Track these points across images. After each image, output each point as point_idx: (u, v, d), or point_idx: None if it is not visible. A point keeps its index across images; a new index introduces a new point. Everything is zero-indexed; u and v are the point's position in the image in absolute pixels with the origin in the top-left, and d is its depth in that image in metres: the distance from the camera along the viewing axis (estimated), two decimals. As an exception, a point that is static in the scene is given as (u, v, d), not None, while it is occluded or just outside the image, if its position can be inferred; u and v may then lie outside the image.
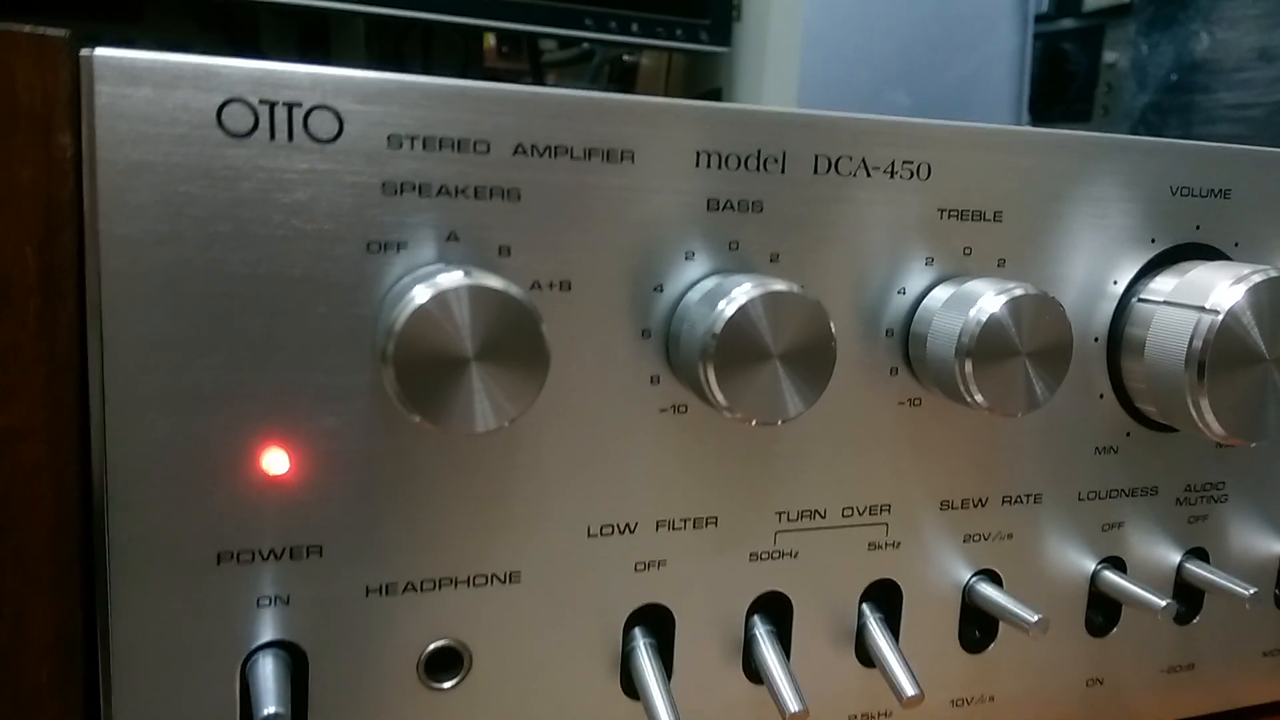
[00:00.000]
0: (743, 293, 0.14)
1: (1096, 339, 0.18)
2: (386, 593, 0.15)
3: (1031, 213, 0.17)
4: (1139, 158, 0.18)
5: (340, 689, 0.15)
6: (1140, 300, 0.18)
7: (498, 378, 0.13)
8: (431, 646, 0.15)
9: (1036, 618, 0.17)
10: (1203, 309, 0.17)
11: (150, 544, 0.13)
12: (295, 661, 0.14)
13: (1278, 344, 0.17)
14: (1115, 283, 0.18)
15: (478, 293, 0.13)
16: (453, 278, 0.13)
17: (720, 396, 0.14)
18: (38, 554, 0.13)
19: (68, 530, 0.13)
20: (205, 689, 0.14)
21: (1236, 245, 0.19)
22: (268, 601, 0.14)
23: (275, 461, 0.14)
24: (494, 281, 0.13)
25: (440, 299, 0.12)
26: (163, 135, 0.13)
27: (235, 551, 0.14)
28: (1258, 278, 0.17)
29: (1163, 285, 0.18)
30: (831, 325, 0.15)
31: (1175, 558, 0.20)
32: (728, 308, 0.14)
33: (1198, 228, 0.19)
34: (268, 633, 0.14)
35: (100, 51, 0.12)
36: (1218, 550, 0.20)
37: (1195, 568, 0.20)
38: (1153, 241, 0.19)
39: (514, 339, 0.13)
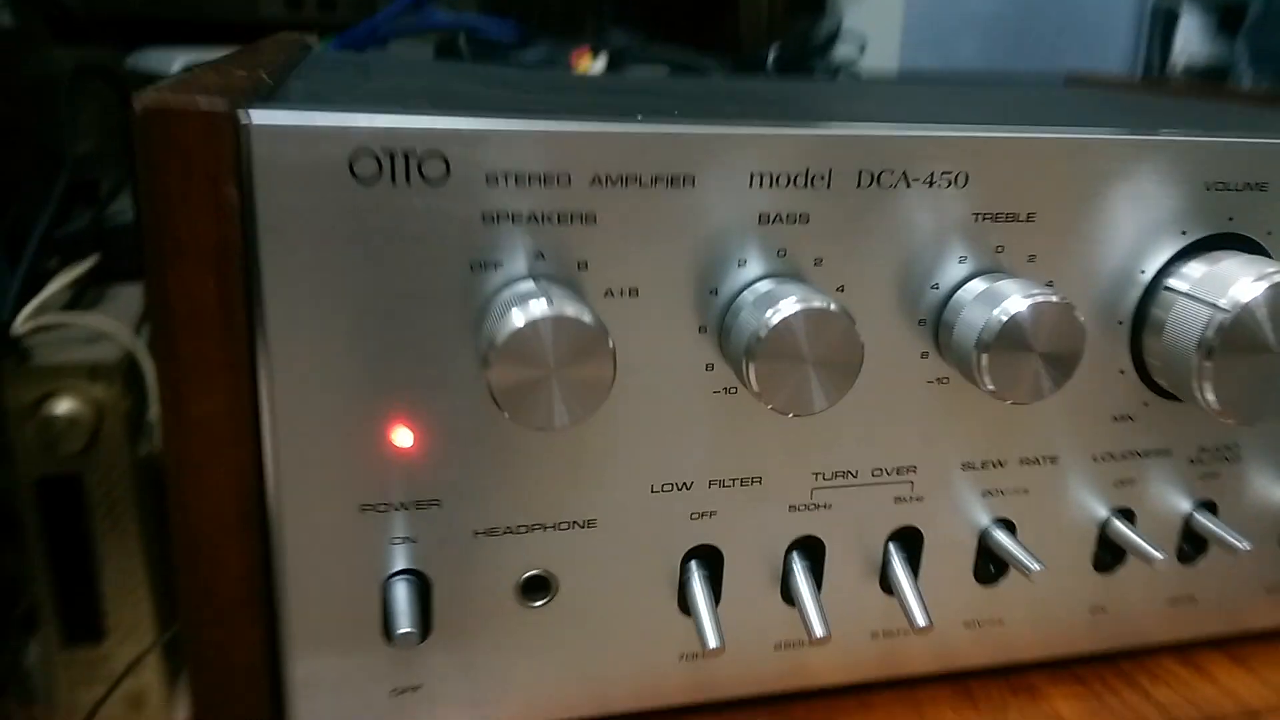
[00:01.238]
0: (786, 305, 0.17)
1: (1121, 322, 0.20)
2: (490, 534, 0.18)
3: (1064, 212, 0.19)
4: (1174, 155, 0.20)
5: (456, 606, 0.19)
6: (1166, 288, 0.20)
7: (574, 387, 0.16)
8: (526, 575, 0.19)
9: (1037, 566, 0.20)
10: (1217, 306, 0.19)
11: (310, 498, 0.17)
12: (421, 586, 0.18)
13: (1287, 338, 0.19)
14: (1143, 272, 0.20)
15: (559, 321, 0.16)
16: (540, 306, 0.16)
17: (758, 389, 0.17)
18: (228, 508, 0.17)
19: (248, 490, 0.17)
20: (355, 604, 0.18)
21: (1269, 234, 0.21)
22: (399, 541, 0.18)
23: (403, 437, 0.17)
24: (571, 310, 0.16)
25: (531, 324, 0.15)
26: (308, 183, 0.16)
27: (375, 504, 0.18)
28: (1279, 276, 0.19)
29: (1190, 273, 0.20)
30: (860, 338, 0.17)
31: (1185, 509, 0.22)
32: (772, 317, 0.17)
33: (1230, 219, 0.20)
34: (400, 564, 0.18)
35: (256, 119, 0.15)
36: (1227, 502, 0.22)
37: (1202, 518, 0.22)
38: (1183, 234, 0.20)
39: (587, 356, 0.16)
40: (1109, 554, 0.22)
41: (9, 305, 0.54)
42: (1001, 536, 0.21)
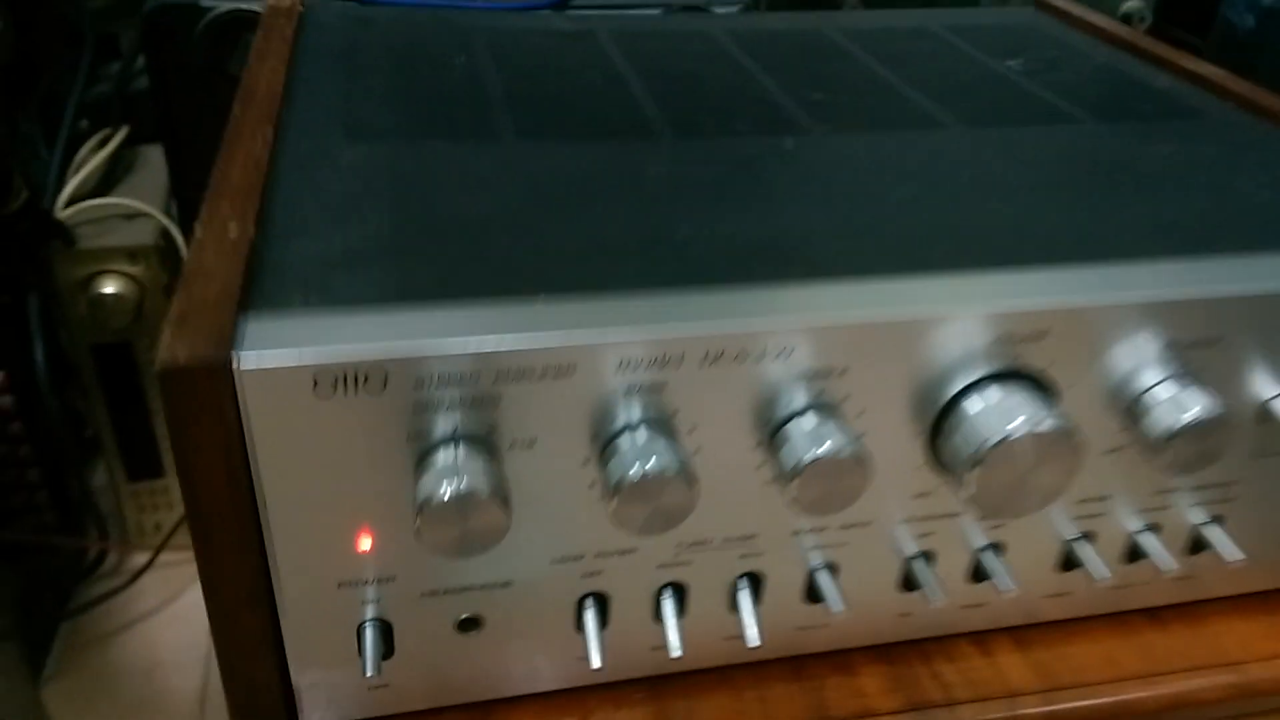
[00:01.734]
0: (642, 455, 0.23)
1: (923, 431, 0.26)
2: (433, 594, 0.25)
3: (880, 368, 0.25)
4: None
5: (411, 638, 0.26)
6: (955, 412, 0.26)
7: (478, 533, 0.23)
8: (461, 617, 0.26)
9: (840, 608, 0.27)
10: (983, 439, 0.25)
11: (304, 580, 0.24)
12: (384, 628, 0.26)
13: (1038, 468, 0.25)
14: (948, 394, 0.26)
15: (466, 497, 0.22)
16: (450, 487, 0.22)
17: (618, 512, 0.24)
18: (245, 589, 0.24)
19: (261, 578, 0.24)
20: (340, 640, 0.26)
21: (1053, 364, 0.26)
22: (368, 602, 0.25)
23: (364, 543, 0.24)
24: (479, 485, 0.22)
25: (443, 501, 0.22)
26: (283, 400, 0.22)
27: (350, 581, 0.25)
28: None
29: (970, 406, 0.25)
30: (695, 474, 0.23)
31: (974, 548, 0.29)
32: (632, 464, 0.23)
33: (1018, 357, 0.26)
34: (369, 615, 0.25)
35: (245, 364, 0.21)
36: (1011, 545, 0.29)
37: (988, 558, 0.29)
38: (978, 369, 0.26)
39: (486, 516, 0.22)
40: (911, 583, 0.29)
41: (51, 189, 0.60)
42: (824, 578, 0.28)
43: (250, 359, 0.21)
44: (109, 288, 0.62)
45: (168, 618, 0.68)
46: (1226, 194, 0.32)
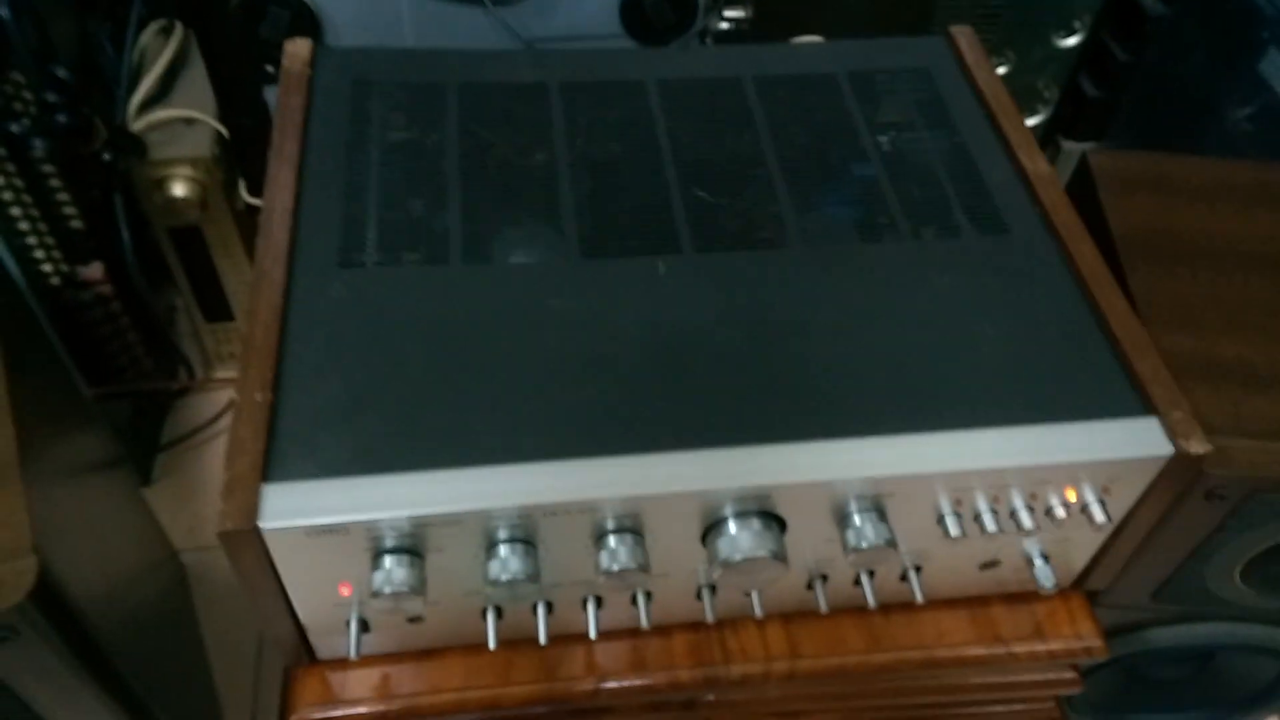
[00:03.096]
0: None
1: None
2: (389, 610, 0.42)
3: (658, 510, 0.39)
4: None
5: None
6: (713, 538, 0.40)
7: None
8: (409, 616, 0.43)
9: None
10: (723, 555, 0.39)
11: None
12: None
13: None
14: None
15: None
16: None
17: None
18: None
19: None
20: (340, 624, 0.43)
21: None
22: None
23: (344, 590, 0.40)
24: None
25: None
26: (291, 540, 0.37)
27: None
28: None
29: (723, 535, 0.40)
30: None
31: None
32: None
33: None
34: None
35: (265, 526, 0.36)
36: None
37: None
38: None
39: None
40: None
41: (123, 106, 0.72)
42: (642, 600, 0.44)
43: (269, 527, 0.36)
44: (178, 190, 0.75)
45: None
46: (947, 359, 0.42)
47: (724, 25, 0.78)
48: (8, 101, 0.61)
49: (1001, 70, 0.84)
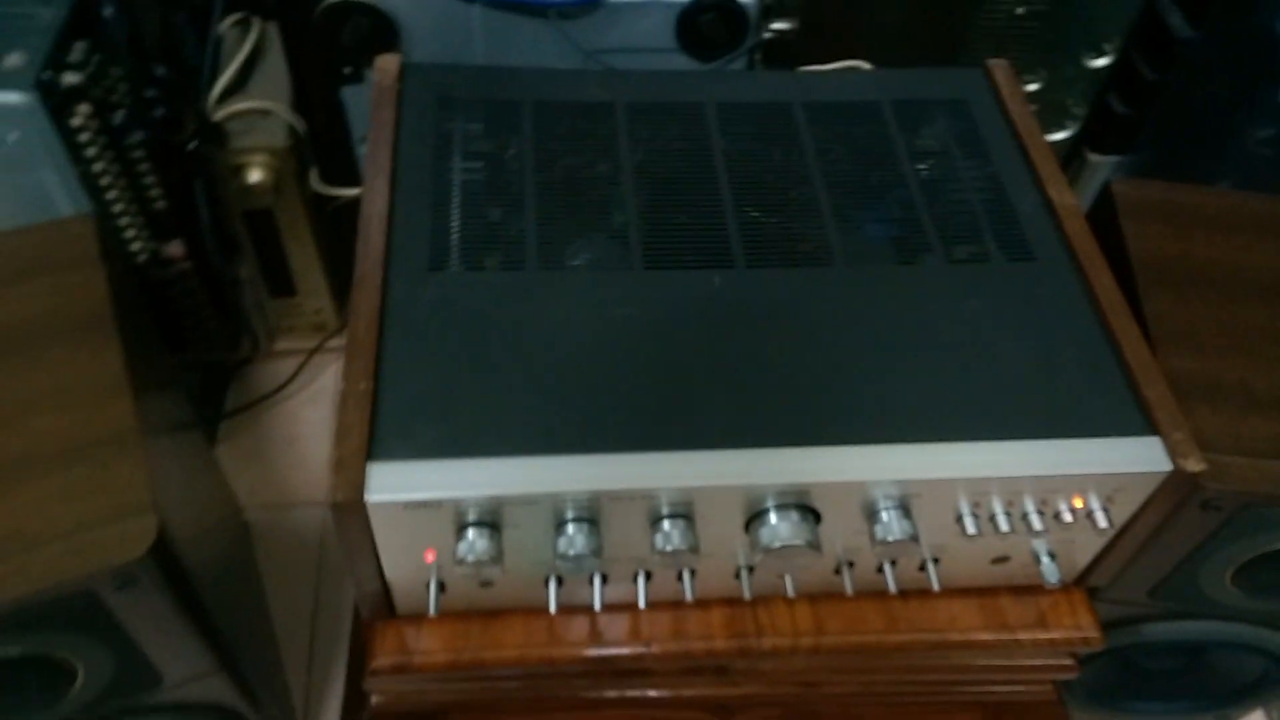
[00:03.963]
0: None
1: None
2: (466, 574, 0.47)
3: (709, 500, 0.44)
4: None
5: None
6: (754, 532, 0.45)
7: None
8: (481, 580, 0.48)
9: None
10: (761, 541, 0.45)
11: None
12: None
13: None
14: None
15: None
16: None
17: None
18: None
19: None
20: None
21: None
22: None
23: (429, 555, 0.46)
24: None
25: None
26: (392, 514, 0.42)
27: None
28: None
29: (763, 525, 0.45)
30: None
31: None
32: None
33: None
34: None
35: (370, 500, 0.41)
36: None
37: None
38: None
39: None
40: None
41: (204, 96, 0.78)
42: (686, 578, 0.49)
43: (372, 500, 0.42)
44: (253, 177, 0.80)
45: (305, 399, 0.93)
46: (973, 375, 0.47)
47: (770, 35, 0.82)
48: (108, 95, 0.67)
49: (1033, 87, 0.88)
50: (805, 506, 0.45)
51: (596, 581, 0.48)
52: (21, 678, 0.48)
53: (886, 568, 0.49)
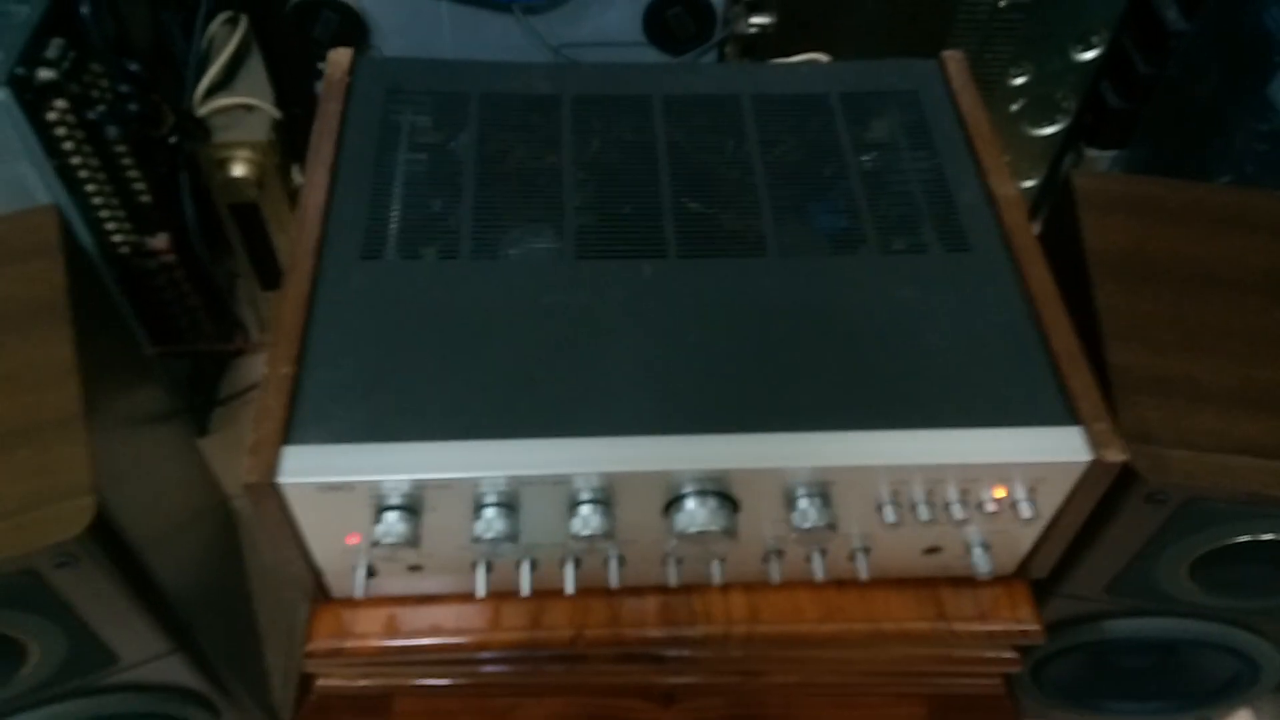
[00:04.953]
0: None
1: (659, 511, 0.46)
2: (389, 558, 0.48)
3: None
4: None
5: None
6: (677, 505, 0.46)
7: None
8: (409, 565, 0.49)
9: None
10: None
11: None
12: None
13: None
14: (667, 499, 0.46)
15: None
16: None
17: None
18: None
19: (302, 552, 0.47)
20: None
21: (730, 489, 0.45)
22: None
23: (352, 539, 0.47)
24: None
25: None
26: (307, 495, 0.43)
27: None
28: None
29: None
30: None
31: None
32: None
33: (708, 486, 0.45)
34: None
35: (283, 481, 0.42)
36: (732, 550, 0.50)
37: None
38: (684, 490, 0.45)
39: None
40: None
41: (190, 93, 0.79)
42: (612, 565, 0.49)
43: (286, 481, 0.43)
44: (237, 170, 0.82)
45: (292, 391, 0.94)
46: (898, 365, 0.47)
47: (751, 29, 0.82)
48: (86, 90, 0.68)
49: (1019, 81, 0.87)
50: (723, 494, 0.45)
51: (525, 567, 0.48)
52: (-24, 656, 0.50)
53: (815, 557, 0.49)
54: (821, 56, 0.75)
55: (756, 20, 0.82)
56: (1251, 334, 0.55)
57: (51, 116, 0.65)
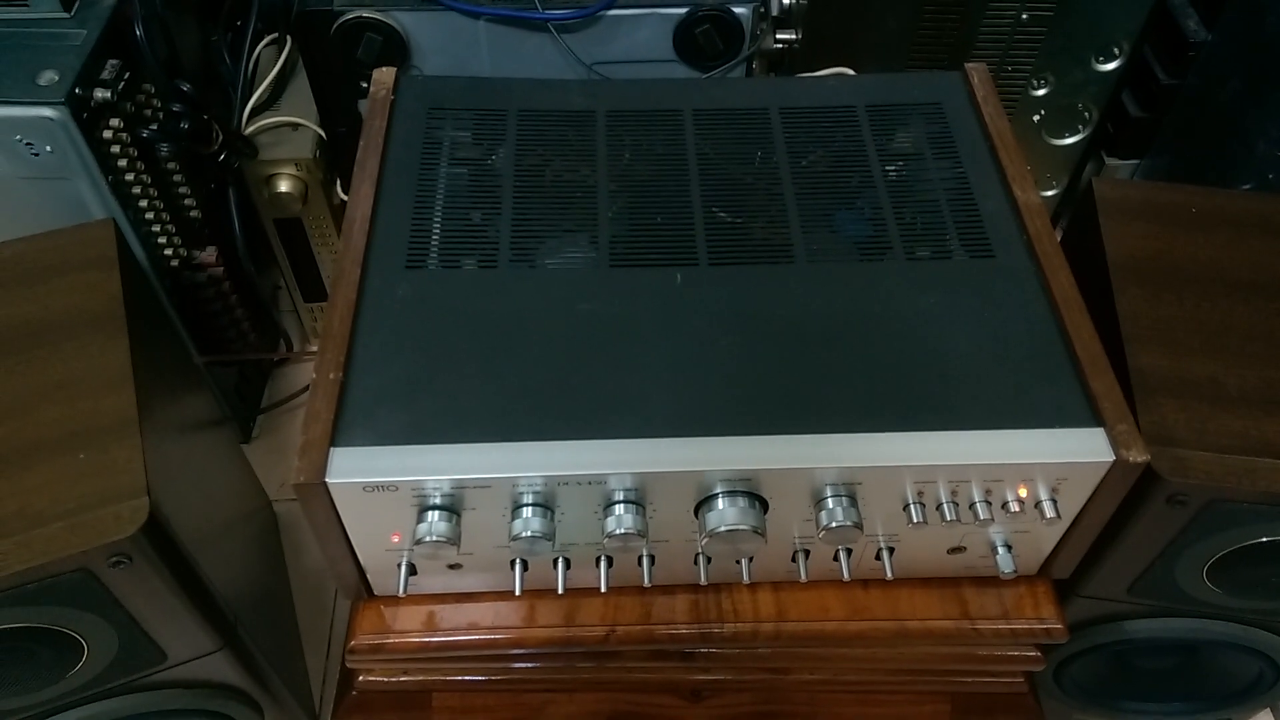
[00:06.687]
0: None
1: (691, 510, 0.48)
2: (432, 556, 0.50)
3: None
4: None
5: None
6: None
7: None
8: (448, 564, 0.51)
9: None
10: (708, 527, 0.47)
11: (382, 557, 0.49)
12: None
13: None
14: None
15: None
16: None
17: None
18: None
19: (349, 549, 0.49)
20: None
21: (759, 489, 0.47)
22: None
23: (394, 538, 0.49)
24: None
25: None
26: (353, 495, 0.45)
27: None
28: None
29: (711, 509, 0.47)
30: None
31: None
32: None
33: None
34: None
35: (331, 481, 0.44)
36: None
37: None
38: (715, 490, 0.47)
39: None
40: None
41: (238, 112, 0.82)
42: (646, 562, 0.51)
43: (334, 481, 0.45)
44: (283, 186, 0.85)
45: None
46: (923, 368, 0.48)
47: (777, 45, 0.84)
48: (139, 109, 0.71)
49: (1041, 92, 0.88)
50: (753, 494, 0.47)
51: (560, 566, 0.50)
52: (32, 650, 0.52)
53: (841, 556, 0.51)
54: (847, 71, 0.76)
55: (783, 36, 0.83)
56: (1273, 337, 0.56)
57: (106, 135, 0.68)
